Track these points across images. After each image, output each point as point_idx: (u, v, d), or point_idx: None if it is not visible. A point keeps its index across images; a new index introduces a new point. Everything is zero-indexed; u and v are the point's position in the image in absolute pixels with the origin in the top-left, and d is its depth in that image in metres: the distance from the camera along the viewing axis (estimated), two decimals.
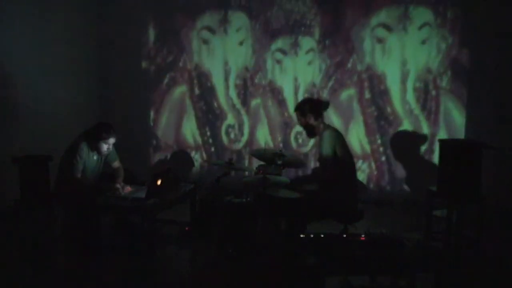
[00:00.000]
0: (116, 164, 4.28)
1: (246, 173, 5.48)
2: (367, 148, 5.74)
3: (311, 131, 3.83)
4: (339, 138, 3.69)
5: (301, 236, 2.98)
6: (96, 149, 4.04)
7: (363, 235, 2.95)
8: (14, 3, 5.04)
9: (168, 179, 4.06)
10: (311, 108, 3.76)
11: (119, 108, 6.37)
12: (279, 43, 5.87)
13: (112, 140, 4.05)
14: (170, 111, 6.35)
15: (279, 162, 3.91)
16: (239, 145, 6.13)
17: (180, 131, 6.35)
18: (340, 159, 3.61)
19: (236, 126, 6.13)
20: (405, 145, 5.64)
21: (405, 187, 5.66)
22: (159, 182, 3.86)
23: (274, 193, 3.63)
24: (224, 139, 6.17)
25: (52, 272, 3.67)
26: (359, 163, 5.73)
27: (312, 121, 3.76)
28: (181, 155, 6.37)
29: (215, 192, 4.20)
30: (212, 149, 6.21)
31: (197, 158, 6.31)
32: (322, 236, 2.95)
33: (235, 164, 4.47)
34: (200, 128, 6.26)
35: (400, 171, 5.65)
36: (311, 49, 5.79)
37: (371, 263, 2.72)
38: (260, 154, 4.14)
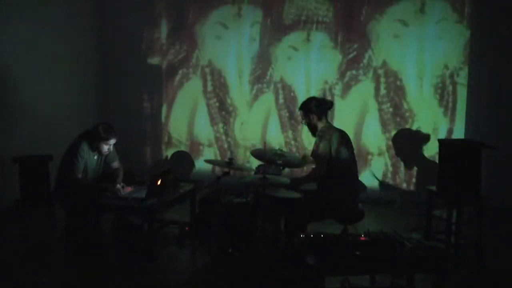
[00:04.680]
0: (116, 164, 4.27)
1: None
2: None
3: (314, 130, 3.81)
4: (339, 139, 3.66)
5: (301, 236, 2.97)
6: (97, 149, 4.04)
7: (363, 235, 2.94)
8: (14, 3, 5.03)
9: (168, 179, 4.06)
10: (315, 108, 3.74)
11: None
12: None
13: (112, 141, 4.04)
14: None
15: (279, 162, 3.91)
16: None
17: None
18: (337, 160, 3.59)
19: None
20: (409, 144, 5.64)
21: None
22: (159, 182, 3.86)
23: (274, 193, 3.63)
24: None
25: (52, 272, 3.67)
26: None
27: (315, 120, 3.75)
28: (181, 155, 6.37)
29: (215, 192, 4.20)
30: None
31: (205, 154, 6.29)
32: (322, 236, 2.94)
33: (235, 164, 4.47)
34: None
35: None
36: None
37: (371, 263, 2.72)
38: (260, 154, 4.14)
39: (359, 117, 5.73)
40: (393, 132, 5.66)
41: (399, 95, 5.61)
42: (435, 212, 4.17)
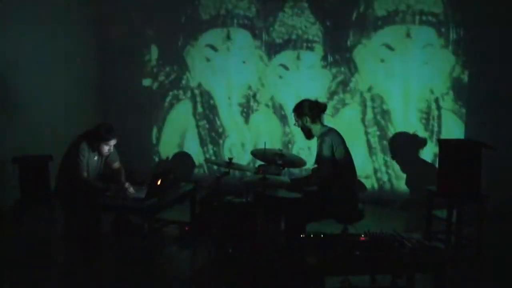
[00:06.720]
0: (117, 164, 4.26)
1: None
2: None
3: (308, 133, 3.82)
4: (338, 140, 3.69)
5: (301, 236, 2.97)
6: (97, 149, 4.03)
7: (363, 235, 2.94)
8: (15, 5, 5.04)
9: (168, 179, 4.06)
10: (308, 110, 3.74)
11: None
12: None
13: (113, 142, 4.04)
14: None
15: (279, 162, 3.91)
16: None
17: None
18: (339, 161, 3.61)
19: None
20: (405, 146, 5.64)
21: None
22: (159, 182, 3.86)
23: (274, 193, 3.63)
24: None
25: (53, 271, 3.67)
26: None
27: (309, 123, 3.75)
28: (181, 155, 6.37)
29: (215, 192, 4.20)
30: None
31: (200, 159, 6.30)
32: (322, 236, 2.95)
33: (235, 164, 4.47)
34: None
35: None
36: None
37: (371, 263, 2.72)
38: (260, 154, 4.14)
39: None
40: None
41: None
42: (435, 212, 4.17)
